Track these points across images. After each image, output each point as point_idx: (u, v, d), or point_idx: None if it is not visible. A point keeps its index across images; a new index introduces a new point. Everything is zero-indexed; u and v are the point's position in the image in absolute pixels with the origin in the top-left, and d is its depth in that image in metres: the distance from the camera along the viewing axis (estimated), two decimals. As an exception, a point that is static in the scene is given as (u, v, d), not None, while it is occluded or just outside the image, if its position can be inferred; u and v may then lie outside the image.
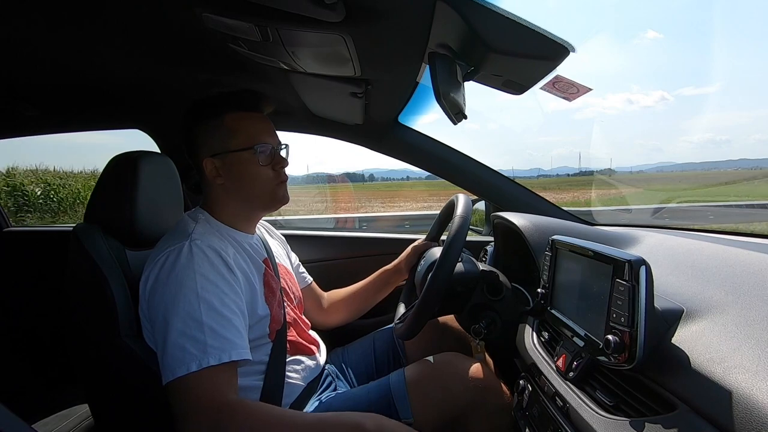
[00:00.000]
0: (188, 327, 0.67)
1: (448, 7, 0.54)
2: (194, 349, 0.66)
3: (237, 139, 0.82)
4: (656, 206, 1.94)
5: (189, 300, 0.68)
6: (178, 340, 0.66)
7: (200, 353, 0.65)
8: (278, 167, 0.85)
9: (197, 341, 0.66)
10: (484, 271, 0.90)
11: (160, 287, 0.71)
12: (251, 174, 0.82)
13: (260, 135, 0.83)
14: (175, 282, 0.70)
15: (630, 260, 0.53)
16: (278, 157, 0.85)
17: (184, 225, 0.80)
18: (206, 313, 0.68)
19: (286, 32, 0.66)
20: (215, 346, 0.67)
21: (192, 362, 0.65)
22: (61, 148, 29.92)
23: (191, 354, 0.65)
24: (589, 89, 0.72)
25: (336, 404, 0.85)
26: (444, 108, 0.69)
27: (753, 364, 0.44)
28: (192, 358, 0.65)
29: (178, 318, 0.67)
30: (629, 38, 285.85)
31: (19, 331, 1.57)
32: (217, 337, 0.68)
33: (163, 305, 0.69)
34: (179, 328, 0.67)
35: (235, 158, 0.82)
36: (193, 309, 0.68)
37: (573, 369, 0.63)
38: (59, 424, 1.06)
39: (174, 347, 0.66)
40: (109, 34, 0.79)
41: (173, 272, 0.71)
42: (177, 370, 0.65)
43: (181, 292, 0.69)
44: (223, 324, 0.69)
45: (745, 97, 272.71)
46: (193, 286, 0.69)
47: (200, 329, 0.67)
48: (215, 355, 0.66)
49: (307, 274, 1.14)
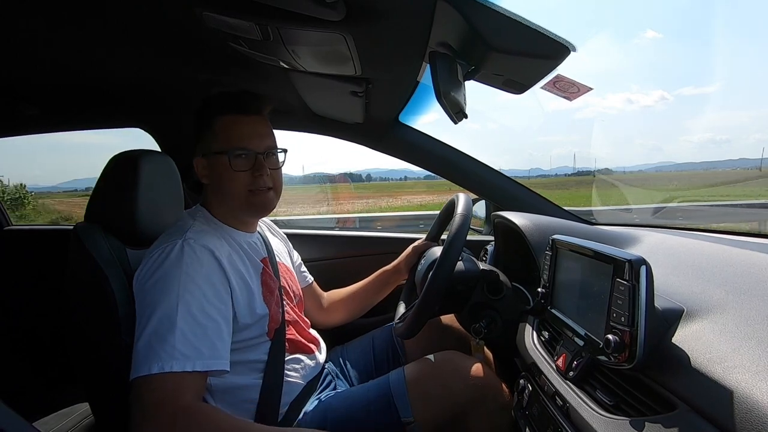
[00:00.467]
0: (162, 327, 0.66)
1: (448, 6, 0.54)
2: (161, 351, 0.65)
3: (217, 142, 0.81)
4: (657, 205, 1.94)
5: (169, 300, 0.68)
6: (149, 339, 0.66)
7: (167, 356, 0.65)
8: (257, 174, 0.81)
9: (167, 343, 0.65)
10: (484, 270, 0.90)
11: (147, 283, 0.71)
12: (226, 178, 0.81)
13: (241, 139, 0.80)
14: (160, 280, 0.70)
15: (630, 260, 0.53)
16: (258, 164, 0.81)
17: (182, 222, 0.80)
18: (182, 316, 0.67)
19: (287, 31, 0.66)
20: (183, 353, 0.66)
21: (155, 364, 0.64)
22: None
23: (158, 355, 0.64)
24: (589, 89, 0.72)
25: (335, 403, 0.85)
26: (444, 107, 0.69)
27: (753, 364, 0.44)
28: (157, 360, 0.64)
29: (155, 316, 0.67)
30: (628, 37, 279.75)
31: (19, 330, 1.57)
32: (187, 344, 0.66)
33: (145, 301, 0.69)
34: (153, 327, 0.67)
35: (216, 161, 0.81)
36: (171, 310, 0.67)
37: (573, 368, 0.63)
38: (59, 423, 1.07)
39: (144, 345, 0.66)
40: (110, 33, 0.79)
41: (161, 269, 0.71)
42: (141, 368, 0.64)
43: (164, 290, 0.69)
44: (196, 332, 0.68)
45: (745, 96, 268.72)
46: (176, 286, 0.69)
47: (172, 332, 0.66)
48: (180, 361, 0.65)
49: (308, 273, 1.14)
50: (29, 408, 1.19)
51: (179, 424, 0.62)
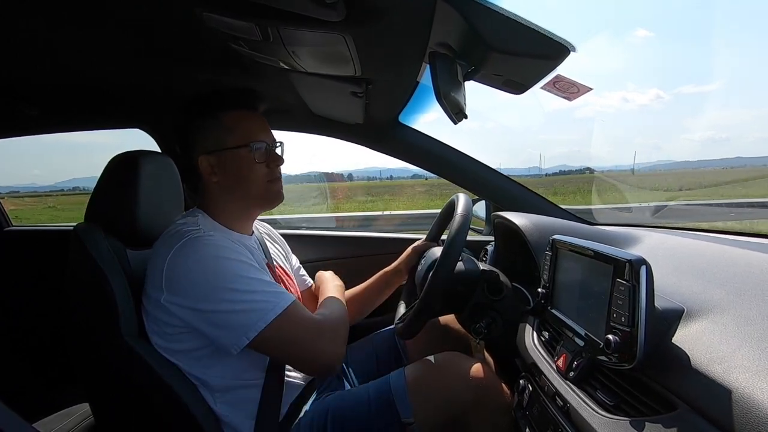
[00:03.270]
0: (251, 287, 0.73)
1: (448, 6, 0.54)
2: (270, 298, 0.73)
3: (233, 137, 0.82)
4: (657, 205, 1.93)
5: (233, 269, 0.73)
6: (249, 298, 0.72)
7: (277, 299, 0.73)
8: (273, 165, 0.86)
9: (267, 293, 0.74)
10: (484, 270, 0.90)
11: (199, 273, 0.72)
12: (246, 171, 0.83)
13: (256, 133, 0.84)
14: (210, 262, 0.72)
15: (630, 260, 0.53)
16: (273, 154, 0.86)
17: (185, 225, 0.80)
18: (255, 273, 0.75)
19: (287, 32, 0.66)
20: (281, 292, 0.76)
21: (277, 307, 0.72)
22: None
23: (271, 302, 0.73)
24: (589, 89, 0.72)
25: (336, 403, 0.85)
26: (444, 107, 0.69)
27: (753, 364, 0.44)
28: (275, 305, 0.72)
29: (237, 284, 0.72)
30: (626, 36, 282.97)
31: (20, 330, 1.57)
32: (276, 287, 0.77)
33: (211, 285, 0.71)
34: (244, 289, 0.72)
35: (231, 155, 0.82)
36: (244, 273, 0.73)
37: (573, 369, 0.63)
38: (60, 423, 1.06)
39: (249, 304, 0.72)
40: (110, 33, 0.79)
41: (204, 256, 0.73)
42: (266, 316, 0.71)
43: (223, 264, 0.73)
44: (267, 281, 0.77)
45: (745, 95, 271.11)
46: (229, 256, 0.74)
47: (261, 285, 0.74)
48: (286, 296, 0.75)
49: (308, 276, 1.14)
50: (29, 408, 1.19)
51: (327, 334, 0.78)
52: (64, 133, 1.50)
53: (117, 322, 0.75)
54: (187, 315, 0.72)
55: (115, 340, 0.75)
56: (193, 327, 0.73)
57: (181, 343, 0.76)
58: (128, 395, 0.80)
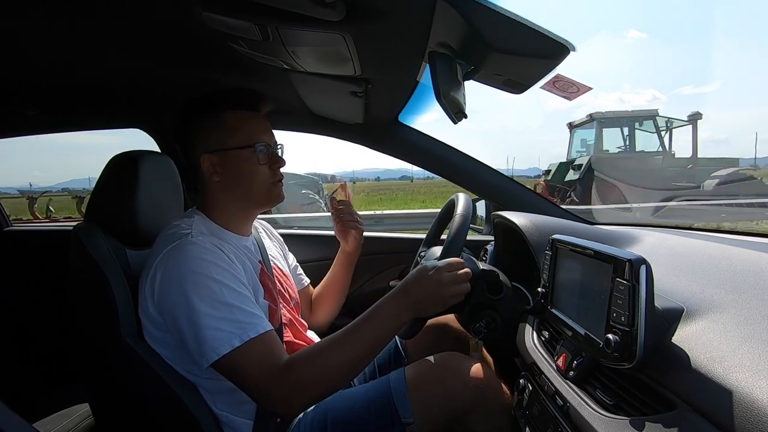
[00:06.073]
0: (217, 310, 0.69)
1: (448, 6, 0.54)
2: (231, 328, 0.69)
3: (236, 137, 0.82)
4: (657, 204, 1.93)
5: (209, 286, 0.70)
6: (211, 323, 0.69)
7: (239, 330, 0.69)
8: (275, 166, 0.86)
9: (231, 321, 0.70)
10: (484, 270, 0.90)
11: (175, 281, 0.71)
12: (249, 172, 0.83)
13: (259, 134, 0.84)
14: (188, 273, 0.71)
15: (630, 259, 0.53)
16: (275, 156, 0.86)
17: (179, 226, 0.79)
18: (229, 294, 0.71)
19: (286, 31, 0.66)
20: (248, 322, 0.71)
21: (234, 338, 0.68)
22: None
23: (229, 333, 0.69)
24: (589, 88, 0.72)
25: (335, 403, 0.85)
26: (444, 107, 0.69)
27: (753, 363, 0.44)
28: (232, 336, 0.69)
29: (204, 304, 0.69)
30: (624, 36, 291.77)
31: (20, 330, 1.57)
32: (247, 314, 0.72)
33: (184, 297, 0.70)
34: (208, 312, 0.69)
35: (234, 156, 0.82)
36: (215, 293, 0.70)
37: (573, 368, 0.63)
38: (59, 423, 1.06)
39: (209, 329, 0.68)
40: (109, 33, 0.79)
41: (184, 264, 0.71)
42: (220, 348, 0.68)
43: (199, 280, 0.70)
44: (246, 302, 0.73)
45: (745, 95, 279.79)
46: (209, 272, 0.71)
47: (230, 310, 0.70)
48: (252, 328, 0.70)
49: (305, 275, 1.14)
50: (29, 408, 1.19)
51: (290, 376, 0.69)
52: (61, 134, 1.50)
53: (117, 322, 0.75)
54: (167, 318, 0.73)
55: (115, 340, 0.75)
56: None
57: (173, 344, 0.76)
58: (128, 395, 0.80)
